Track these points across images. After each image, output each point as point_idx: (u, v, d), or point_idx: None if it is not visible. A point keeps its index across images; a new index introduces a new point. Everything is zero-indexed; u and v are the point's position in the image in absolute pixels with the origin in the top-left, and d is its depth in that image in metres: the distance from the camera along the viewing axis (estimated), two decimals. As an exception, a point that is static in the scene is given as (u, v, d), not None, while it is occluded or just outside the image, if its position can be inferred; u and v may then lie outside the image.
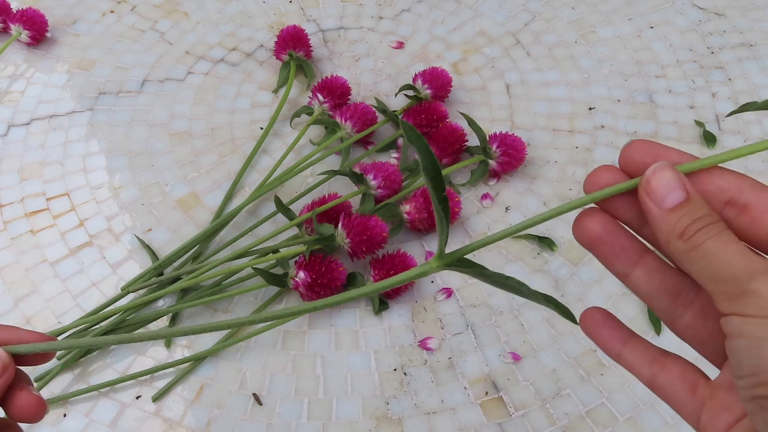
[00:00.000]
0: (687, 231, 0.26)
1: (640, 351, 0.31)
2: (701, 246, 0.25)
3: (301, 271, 0.53)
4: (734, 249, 0.25)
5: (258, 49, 0.74)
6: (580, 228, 0.29)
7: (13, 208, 0.62)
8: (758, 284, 0.24)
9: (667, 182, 0.26)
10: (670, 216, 0.26)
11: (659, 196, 0.26)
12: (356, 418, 0.50)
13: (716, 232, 0.26)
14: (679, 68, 0.71)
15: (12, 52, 0.73)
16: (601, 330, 0.31)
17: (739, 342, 0.24)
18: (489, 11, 0.77)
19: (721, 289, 0.25)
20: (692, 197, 0.26)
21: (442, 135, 0.61)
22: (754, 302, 0.24)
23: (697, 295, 0.29)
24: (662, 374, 0.30)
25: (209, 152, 0.65)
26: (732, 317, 0.25)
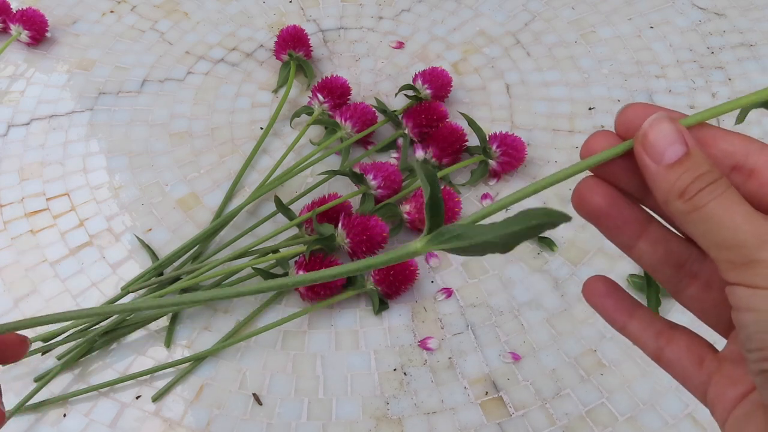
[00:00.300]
0: (688, 190, 0.24)
1: (646, 323, 0.29)
2: (704, 208, 0.23)
3: (301, 271, 0.53)
4: (741, 212, 0.23)
5: (258, 49, 0.74)
6: (580, 200, 0.27)
7: (13, 208, 0.62)
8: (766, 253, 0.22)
9: (666, 135, 0.24)
10: (669, 173, 0.24)
11: (657, 150, 0.24)
12: (356, 418, 0.50)
13: (720, 192, 0.24)
14: (679, 68, 0.71)
15: (12, 52, 0.73)
16: (605, 300, 0.30)
17: (748, 315, 0.23)
18: (489, 11, 0.77)
19: (727, 256, 0.23)
20: (693, 152, 0.24)
21: (442, 135, 0.61)
22: (763, 273, 0.22)
23: (702, 265, 0.28)
24: (669, 347, 0.28)
25: (209, 152, 0.65)
26: (738, 287, 0.23)
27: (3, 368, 0.52)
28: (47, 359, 0.53)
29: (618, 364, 0.52)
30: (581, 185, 0.27)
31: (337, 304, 0.56)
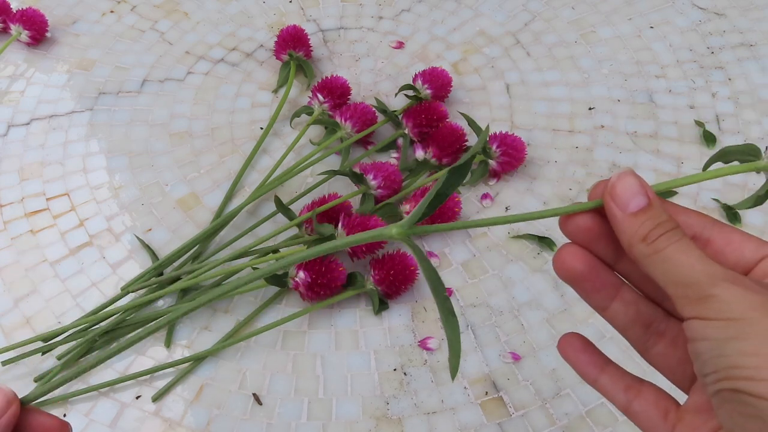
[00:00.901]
0: (650, 235, 0.27)
1: (617, 378, 0.32)
2: (664, 251, 0.27)
3: (301, 271, 0.53)
4: (695, 255, 0.27)
5: (258, 49, 0.74)
6: (561, 265, 0.31)
7: (13, 208, 0.62)
8: (719, 289, 0.25)
9: (630, 187, 0.28)
10: (633, 220, 0.28)
11: (623, 200, 0.28)
12: (356, 418, 0.50)
13: (677, 239, 0.27)
14: (679, 68, 0.71)
15: (12, 52, 0.73)
16: (580, 356, 0.33)
17: (702, 344, 0.26)
18: (489, 11, 0.77)
19: (683, 293, 0.26)
20: (654, 203, 0.28)
21: (442, 135, 0.61)
22: (715, 306, 0.25)
23: (668, 324, 0.31)
24: (637, 400, 0.31)
25: (209, 152, 0.65)
26: (693, 321, 0.26)
27: (3, 368, 0.52)
28: (47, 359, 0.53)
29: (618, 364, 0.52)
30: (563, 252, 0.31)
31: (337, 304, 0.56)
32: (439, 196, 0.30)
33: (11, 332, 0.54)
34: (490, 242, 0.59)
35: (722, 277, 0.26)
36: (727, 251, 0.29)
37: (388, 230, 0.30)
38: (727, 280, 0.26)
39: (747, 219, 0.60)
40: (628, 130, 0.66)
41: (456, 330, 0.29)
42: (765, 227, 0.59)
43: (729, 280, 0.26)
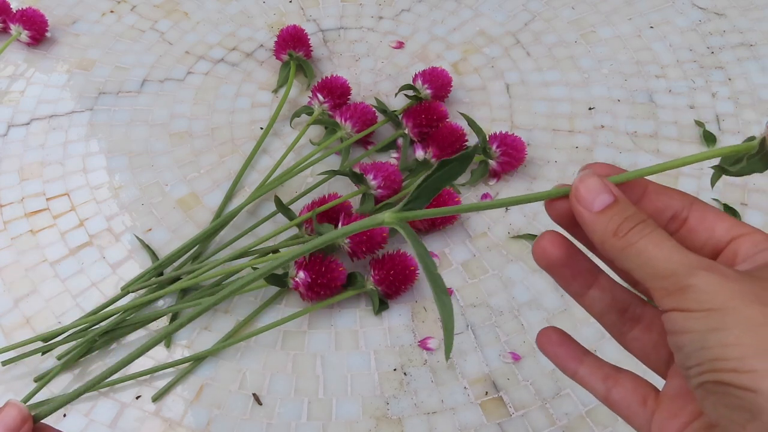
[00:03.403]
0: (620, 229, 0.27)
1: (595, 368, 0.33)
2: (636, 244, 0.27)
3: (301, 271, 0.53)
4: (669, 246, 0.27)
5: (258, 49, 0.74)
6: (541, 252, 0.31)
7: (13, 208, 0.62)
8: (696, 279, 0.25)
9: (593, 187, 0.28)
10: (601, 217, 0.28)
11: (588, 200, 0.28)
12: (356, 418, 0.50)
13: (649, 230, 0.27)
14: (679, 68, 0.71)
15: (12, 52, 0.73)
16: (557, 349, 0.33)
17: (684, 337, 0.25)
18: (489, 11, 0.77)
19: (660, 285, 0.26)
20: (619, 199, 0.28)
21: (442, 135, 0.61)
22: (694, 297, 0.25)
23: (644, 309, 0.31)
24: (616, 389, 0.32)
25: (209, 152, 0.65)
26: (673, 313, 0.26)
27: (3, 368, 0.52)
28: (47, 359, 0.53)
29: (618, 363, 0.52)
30: (543, 239, 0.31)
31: (337, 304, 0.56)
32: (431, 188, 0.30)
33: (11, 332, 0.54)
34: (490, 242, 0.59)
35: (699, 266, 0.26)
36: (700, 229, 0.29)
37: (381, 216, 0.30)
38: (704, 268, 0.25)
39: (747, 219, 0.60)
40: (628, 130, 0.66)
41: (449, 309, 0.29)
42: (765, 227, 0.59)
43: (706, 269, 0.25)
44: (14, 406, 0.30)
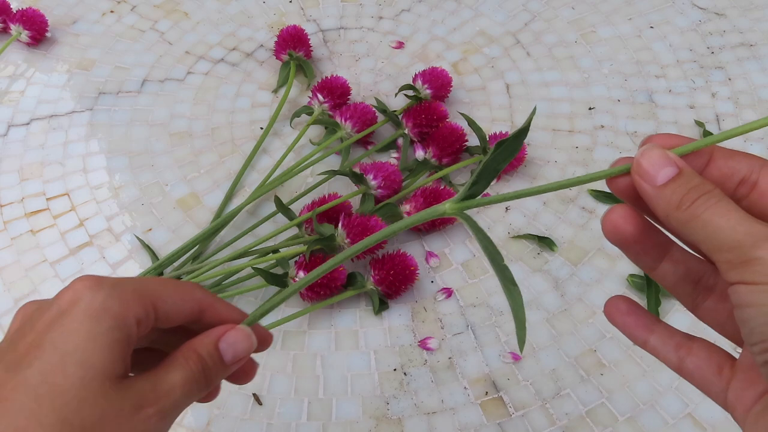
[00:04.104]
0: (684, 201, 0.26)
1: (666, 337, 0.31)
2: (701, 216, 0.26)
3: (301, 271, 0.53)
4: (735, 217, 0.25)
5: (258, 49, 0.74)
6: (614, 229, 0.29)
7: (13, 208, 0.62)
8: (762, 251, 0.24)
9: (656, 161, 0.27)
10: (664, 190, 0.27)
11: (651, 174, 0.27)
12: (356, 418, 0.50)
13: (715, 201, 0.26)
14: (679, 68, 0.71)
15: (12, 52, 0.73)
16: (626, 318, 0.32)
17: (748, 311, 0.25)
18: (489, 11, 0.77)
19: (725, 257, 0.25)
20: (684, 170, 0.27)
21: (442, 135, 0.61)
22: (759, 269, 0.24)
23: (717, 279, 0.30)
24: (689, 358, 0.30)
25: (209, 152, 0.65)
26: (738, 286, 0.25)
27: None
28: (47, 359, 0.53)
29: (618, 364, 0.52)
30: (613, 214, 0.29)
31: (337, 304, 0.56)
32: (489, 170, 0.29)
33: (11, 332, 0.54)
34: (490, 242, 0.59)
35: (766, 237, 0.24)
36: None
37: (442, 206, 0.30)
38: None
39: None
40: (628, 130, 0.66)
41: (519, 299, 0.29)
42: (765, 227, 0.59)
43: None
44: (248, 340, 0.31)
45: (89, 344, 0.27)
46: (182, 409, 0.29)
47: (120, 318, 0.27)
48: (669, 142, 0.28)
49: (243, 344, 0.31)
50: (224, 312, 0.32)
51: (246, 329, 0.32)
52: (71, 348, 0.26)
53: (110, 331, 0.27)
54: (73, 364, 0.26)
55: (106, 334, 0.27)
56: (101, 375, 0.26)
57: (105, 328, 0.27)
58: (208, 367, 0.30)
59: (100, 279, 0.28)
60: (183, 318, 0.31)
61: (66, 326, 0.27)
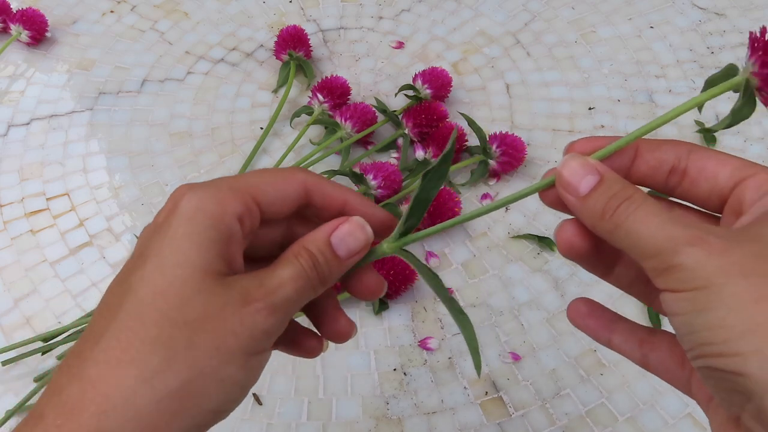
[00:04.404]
0: (606, 210, 0.26)
1: (629, 334, 0.31)
2: (624, 224, 0.25)
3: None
4: (656, 222, 0.25)
5: (258, 49, 0.74)
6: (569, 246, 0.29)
7: (13, 208, 0.62)
8: (682, 256, 0.24)
9: (577, 170, 0.27)
10: (588, 200, 0.26)
11: (573, 185, 0.27)
12: (356, 418, 0.50)
13: (636, 207, 0.25)
14: (679, 68, 0.71)
15: (12, 52, 0.73)
16: (588, 321, 0.32)
17: (675, 320, 0.24)
18: (489, 11, 0.77)
19: (650, 265, 0.25)
20: (605, 176, 0.27)
21: (442, 135, 0.61)
22: (680, 275, 0.24)
23: None
24: (653, 353, 0.30)
25: (209, 152, 0.65)
26: (665, 294, 0.25)
27: (3, 368, 0.52)
28: (47, 359, 0.53)
29: (618, 364, 0.52)
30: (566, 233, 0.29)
31: (337, 304, 0.56)
32: (421, 202, 0.29)
33: (11, 332, 0.54)
34: (490, 242, 0.59)
35: (685, 241, 0.24)
36: (701, 179, 0.28)
37: (380, 248, 0.30)
38: (689, 243, 0.24)
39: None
40: (628, 130, 0.66)
41: (469, 327, 0.29)
42: None
43: (692, 243, 0.24)
44: (362, 231, 0.29)
45: (185, 244, 0.26)
46: (294, 308, 0.28)
47: (216, 217, 0.27)
48: (590, 145, 0.28)
49: (356, 236, 0.29)
50: (333, 192, 0.30)
51: (359, 220, 0.29)
52: (168, 252, 0.26)
53: (207, 231, 0.26)
54: (171, 265, 0.26)
55: (203, 234, 0.26)
56: (201, 272, 0.26)
57: (201, 228, 0.26)
58: (320, 262, 0.28)
59: (194, 184, 0.28)
60: (290, 204, 0.29)
61: (164, 233, 0.27)
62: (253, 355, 0.26)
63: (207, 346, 0.25)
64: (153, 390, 0.24)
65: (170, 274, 0.26)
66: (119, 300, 0.26)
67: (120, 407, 0.24)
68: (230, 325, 0.26)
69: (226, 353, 0.25)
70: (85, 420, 0.24)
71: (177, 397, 0.24)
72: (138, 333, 0.25)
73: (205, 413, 0.25)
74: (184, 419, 0.25)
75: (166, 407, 0.24)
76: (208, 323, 0.25)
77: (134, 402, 0.24)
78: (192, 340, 0.25)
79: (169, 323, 0.25)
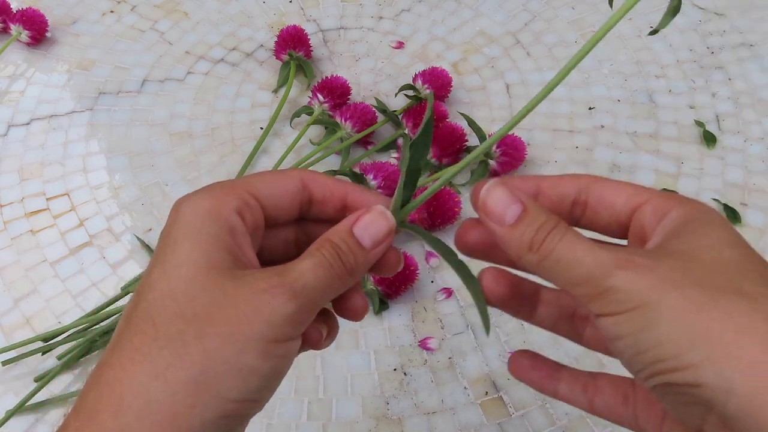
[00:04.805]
0: (534, 242, 0.26)
1: (572, 382, 0.32)
2: (552, 254, 0.26)
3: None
4: (582, 249, 0.25)
5: (258, 49, 0.74)
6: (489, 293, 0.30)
7: (13, 208, 0.62)
8: (613, 279, 0.24)
9: (501, 199, 0.27)
10: (513, 231, 0.27)
11: (498, 215, 0.27)
12: (356, 418, 0.50)
13: (561, 236, 0.26)
14: (679, 68, 0.71)
15: (12, 52, 0.73)
16: (532, 374, 0.32)
17: (618, 343, 0.25)
18: (489, 11, 0.77)
19: (583, 291, 0.25)
20: (529, 207, 0.27)
21: (442, 135, 0.61)
22: (615, 298, 0.24)
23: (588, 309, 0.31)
24: (597, 397, 0.31)
25: (209, 152, 0.65)
26: (602, 318, 0.25)
27: (3, 368, 0.52)
28: (47, 359, 0.53)
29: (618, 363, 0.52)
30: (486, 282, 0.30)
31: (337, 304, 0.56)
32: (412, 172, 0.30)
33: (11, 332, 0.54)
34: (490, 242, 0.59)
35: (613, 264, 0.24)
36: (600, 209, 0.28)
37: None
38: (617, 266, 0.24)
39: (747, 219, 0.60)
40: (628, 130, 0.66)
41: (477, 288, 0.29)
42: (765, 227, 0.59)
43: (620, 266, 0.24)
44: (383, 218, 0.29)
45: (186, 245, 0.26)
46: (319, 297, 0.27)
47: (213, 212, 0.27)
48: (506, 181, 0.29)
49: (379, 224, 0.29)
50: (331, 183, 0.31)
51: (380, 208, 0.29)
52: (171, 256, 0.26)
53: (205, 227, 0.27)
54: (174, 266, 0.26)
55: (202, 231, 0.27)
56: (206, 268, 0.26)
57: (200, 226, 0.27)
58: (344, 251, 0.28)
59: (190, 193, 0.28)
60: (290, 198, 0.30)
61: (166, 241, 0.27)
62: (274, 342, 0.26)
63: (219, 335, 0.25)
64: (166, 383, 0.24)
65: (174, 274, 0.26)
66: (131, 309, 0.26)
67: (134, 403, 0.24)
68: (243, 312, 0.25)
69: (240, 340, 0.25)
70: (102, 420, 0.24)
71: (192, 388, 0.24)
72: (149, 333, 0.25)
73: (227, 402, 0.25)
74: (205, 409, 0.25)
75: (182, 398, 0.24)
76: (218, 312, 0.25)
77: (148, 396, 0.24)
78: (203, 330, 0.25)
79: (179, 319, 0.25)
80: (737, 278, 0.24)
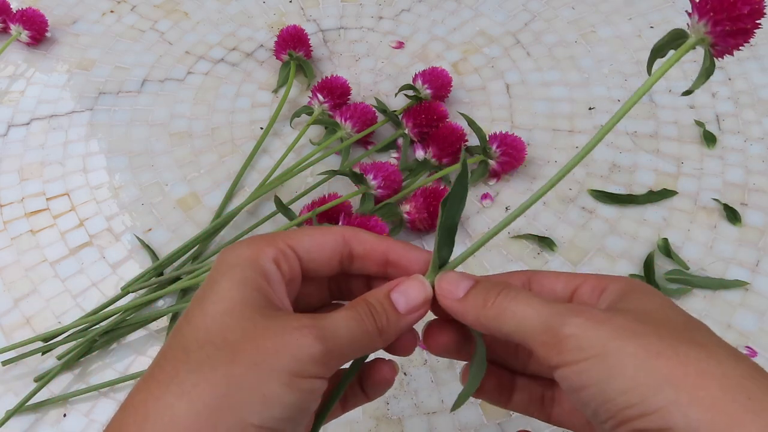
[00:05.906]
0: (487, 299, 0.28)
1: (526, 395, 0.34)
2: (507, 307, 0.27)
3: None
4: (537, 302, 0.27)
5: (258, 49, 0.74)
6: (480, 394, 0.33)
7: (13, 208, 0.62)
8: (570, 327, 0.25)
9: (452, 278, 0.30)
10: (467, 299, 0.29)
11: (452, 291, 0.30)
12: (356, 418, 0.50)
13: (515, 294, 0.28)
14: (679, 68, 0.71)
15: (12, 52, 0.73)
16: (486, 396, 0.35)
17: (584, 393, 0.25)
18: (489, 11, 0.77)
19: (540, 340, 0.26)
20: (479, 280, 0.30)
21: (442, 135, 0.61)
22: (574, 346, 0.25)
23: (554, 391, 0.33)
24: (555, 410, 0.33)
25: (209, 152, 0.65)
26: (562, 369, 0.25)
27: (3, 368, 0.52)
28: (47, 359, 0.53)
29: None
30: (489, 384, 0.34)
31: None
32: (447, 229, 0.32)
33: (11, 332, 0.55)
34: (490, 242, 0.59)
35: (569, 312, 0.26)
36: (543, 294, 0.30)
37: None
38: (574, 314, 0.26)
39: (747, 219, 0.60)
40: (628, 130, 0.66)
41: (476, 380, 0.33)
42: (765, 227, 0.59)
43: (576, 314, 0.26)
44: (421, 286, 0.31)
45: (225, 286, 0.28)
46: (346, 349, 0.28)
47: (251, 259, 0.29)
48: None
49: (416, 291, 0.31)
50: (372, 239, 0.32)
51: (419, 277, 0.31)
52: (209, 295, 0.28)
53: (243, 271, 0.28)
54: (211, 302, 0.27)
55: (239, 274, 0.28)
56: (241, 304, 0.27)
57: (238, 270, 0.28)
58: (378, 312, 0.30)
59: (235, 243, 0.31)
60: (329, 253, 0.31)
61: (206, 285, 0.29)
62: (299, 377, 0.27)
63: (246, 362, 0.26)
64: (191, 402, 0.25)
65: (211, 309, 0.27)
66: (168, 342, 0.28)
67: (159, 420, 0.25)
68: (272, 343, 0.26)
69: (266, 369, 0.26)
70: None
71: (216, 410, 0.25)
72: (180, 359, 0.26)
73: (248, 426, 0.25)
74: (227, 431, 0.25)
75: (205, 418, 0.25)
76: (248, 342, 0.26)
77: (172, 414, 0.25)
78: (231, 357, 0.26)
79: (210, 345, 0.26)
80: (687, 332, 0.25)
